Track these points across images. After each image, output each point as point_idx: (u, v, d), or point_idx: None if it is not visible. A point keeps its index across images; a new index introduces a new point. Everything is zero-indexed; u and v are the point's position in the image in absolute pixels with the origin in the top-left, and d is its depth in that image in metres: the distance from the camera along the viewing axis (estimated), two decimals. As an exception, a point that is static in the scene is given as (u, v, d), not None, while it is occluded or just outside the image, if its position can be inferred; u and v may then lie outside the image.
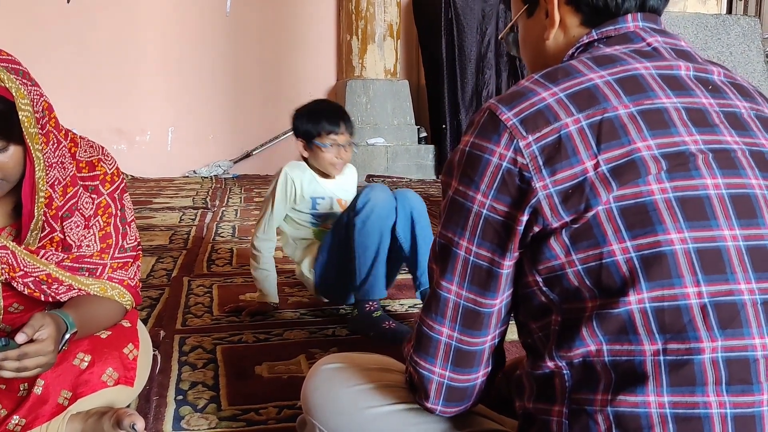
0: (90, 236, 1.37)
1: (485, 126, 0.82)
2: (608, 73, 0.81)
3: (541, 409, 0.80)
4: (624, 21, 0.88)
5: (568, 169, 0.76)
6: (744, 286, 0.72)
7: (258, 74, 7.41)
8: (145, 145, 7.26)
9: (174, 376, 1.71)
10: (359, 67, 7.09)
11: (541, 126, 0.78)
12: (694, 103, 0.81)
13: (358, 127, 6.95)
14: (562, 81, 0.81)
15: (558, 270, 0.77)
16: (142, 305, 2.27)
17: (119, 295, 1.41)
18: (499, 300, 0.85)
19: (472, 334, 0.86)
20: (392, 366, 1.09)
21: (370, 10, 6.98)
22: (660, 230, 0.73)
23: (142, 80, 7.10)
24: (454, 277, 0.85)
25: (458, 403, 0.91)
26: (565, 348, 0.77)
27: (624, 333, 0.73)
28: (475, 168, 0.81)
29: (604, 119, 0.77)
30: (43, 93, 1.28)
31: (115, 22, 6.96)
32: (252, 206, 4.87)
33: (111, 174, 1.42)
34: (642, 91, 0.80)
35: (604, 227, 0.74)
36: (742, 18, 3.37)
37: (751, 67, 3.21)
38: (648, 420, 0.71)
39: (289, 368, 1.78)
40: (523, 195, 0.78)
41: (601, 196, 0.74)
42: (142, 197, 5.35)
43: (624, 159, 0.75)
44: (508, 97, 0.83)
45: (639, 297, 0.72)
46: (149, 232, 3.76)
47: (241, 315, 2.22)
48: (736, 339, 0.71)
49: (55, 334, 1.18)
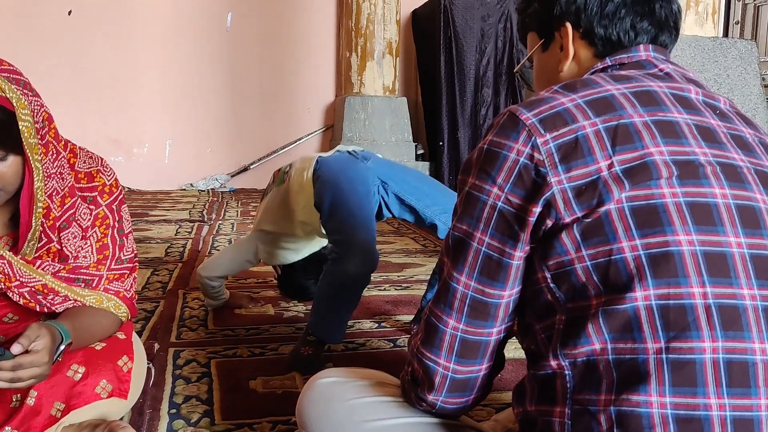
0: (87, 247, 1.37)
1: (505, 125, 0.85)
2: (624, 87, 0.85)
3: (543, 410, 0.81)
4: (636, 50, 0.94)
5: (583, 167, 0.79)
6: (746, 291, 0.74)
7: (257, 89, 7.43)
8: (143, 157, 7.26)
9: (168, 390, 1.70)
10: (358, 84, 7.12)
11: (559, 126, 0.81)
12: (703, 121, 0.84)
13: (356, 143, 6.99)
14: (581, 90, 0.85)
15: (567, 265, 0.79)
16: (137, 318, 2.26)
17: (115, 307, 1.40)
18: (507, 293, 0.86)
19: (478, 324, 0.87)
20: (388, 380, 1.09)
21: (370, 28, 7.02)
22: (669, 231, 0.75)
23: (141, 92, 7.11)
24: (464, 268, 0.86)
25: (460, 394, 0.92)
26: (570, 346, 0.77)
27: (629, 330, 0.74)
28: (492, 163, 0.84)
29: (620, 125, 0.81)
30: (43, 104, 1.28)
31: (115, 35, 6.99)
32: (248, 220, 4.87)
33: (110, 185, 1.42)
34: (656, 104, 0.84)
35: (615, 225, 0.76)
36: (739, 41, 3.40)
37: (747, 89, 3.24)
38: (649, 420, 0.71)
39: (283, 383, 1.77)
40: (538, 188, 0.80)
41: (613, 194, 0.77)
42: (139, 209, 5.34)
43: (637, 162, 0.78)
44: (528, 102, 0.86)
45: (645, 293, 0.74)
46: (145, 245, 3.75)
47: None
48: (737, 341, 0.72)
49: (50, 346, 1.17)
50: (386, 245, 3.87)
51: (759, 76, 3.35)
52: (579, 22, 0.96)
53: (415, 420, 0.99)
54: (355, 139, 7.02)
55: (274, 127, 7.51)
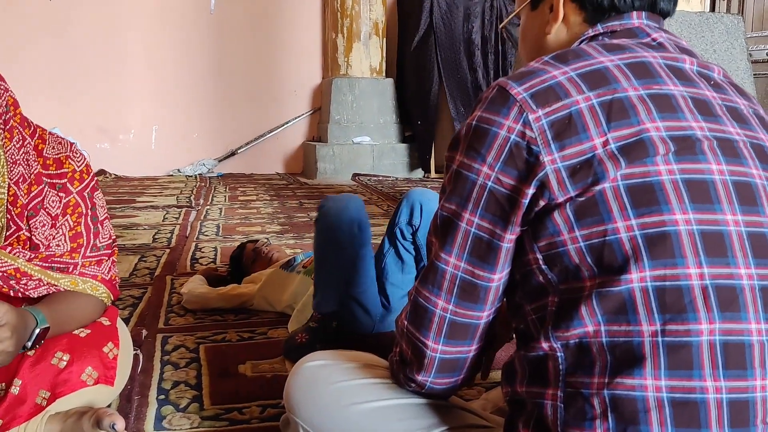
0: (59, 236, 1.34)
1: (494, 100, 0.82)
2: (618, 58, 0.83)
3: (534, 392, 0.79)
4: (629, 18, 0.90)
5: (577, 144, 0.76)
6: (744, 270, 0.73)
7: (243, 72, 7.37)
8: (129, 144, 7.20)
9: (156, 376, 1.69)
10: (345, 66, 7.07)
11: (551, 101, 0.79)
12: (698, 93, 0.82)
13: (344, 125, 6.96)
14: (573, 62, 0.82)
15: (559, 246, 0.77)
16: (124, 304, 2.25)
17: (92, 288, 1.38)
18: (497, 276, 0.84)
19: (468, 306, 0.86)
20: (376, 362, 1.08)
21: (356, 8, 6.96)
22: (666, 210, 0.73)
23: (125, 77, 7.04)
24: (453, 248, 0.84)
25: (449, 374, 0.91)
26: (563, 328, 0.76)
27: (623, 313, 0.72)
28: (481, 141, 0.81)
29: (615, 99, 0.78)
30: (8, 88, 1.25)
31: (98, 19, 6.89)
32: (237, 204, 4.84)
33: (80, 171, 1.39)
34: (651, 76, 0.81)
35: (609, 204, 0.74)
36: (725, 16, 3.39)
37: (734, 64, 3.23)
38: (644, 404, 0.70)
39: (273, 367, 1.76)
40: (531, 168, 0.77)
41: (609, 172, 0.75)
42: (126, 196, 5.30)
43: (633, 138, 0.76)
44: (518, 74, 0.83)
45: (641, 275, 0.72)
46: (132, 231, 3.73)
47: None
48: (734, 322, 0.71)
49: (15, 322, 1.15)
50: (375, 228, 3.86)
51: (746, 51, 3.34)
52: None
53: (404, 401, 0.98)
54: (343, 121, 6.99)
55: (261, 110, 7.45)
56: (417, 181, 6.63)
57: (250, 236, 3.42)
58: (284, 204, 4.89)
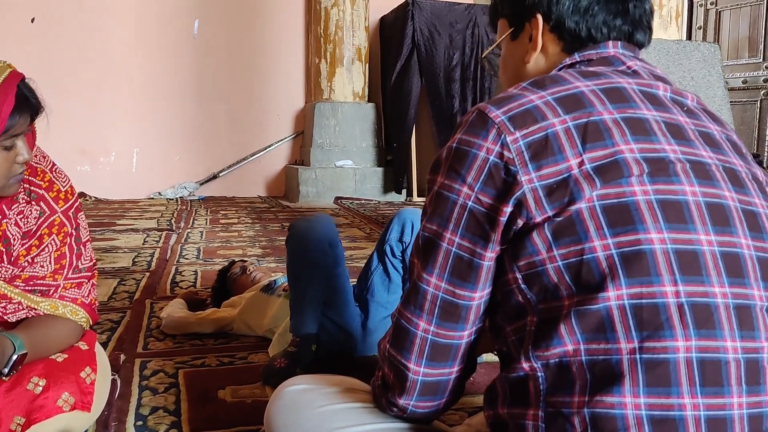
0: (45, 255, 1.33)
1: (473, 123, 0.84)
2: (593, 83, 0.85)
3: (515, 413, 0.79)
4: (605, 47, 0.94)
5: (553, 165, 0.78)
6: (718, 289, 0.74)
7: (225, 95, 7.38)
8: (110, 166, 7.16)
9: (134, 401, 1.66)
10: (328, 90, 7.11)
11: (528, 124, 0.81)
12: (672, 118, 0.85)
13: (326, 149, 6.97)
14: (550, 87, 0.84)
15: (538, 266, 0.78)
16: (103, 328, 2.21)
17: (72, 312, 1.36)
18: (477, 294, 0.84)
19: (449, 327, 0.86)
20: (358, 386, 1.07)
21: (339, 34, 7.02)
22: (641, 229, 0.75)
23: (106, 100, 7.01)
24: (434, 269, 0.85)
25: (431, 397, 0.91)
26: (543, 348, 0.76)
27: (602, 331, 0.73)
28: (462, 162, 0.83)
29: (590, 122, 0.80)
30: None
31: (79, 42, 6.89)
32: (218, 228, 4.81)
33: (65, 192, 1.38)
34: (625, 101, 0.84)
35: (586, 224, 0.76)
36: (702, 44, 3.46)
37: (711, 91, 3.29)
38: (624, 422, 0.70)
39: (253, 392, 1.74)
40: (509, 187, 0.79)
41: (584, 192, 0.76)
42: (106, 219, 5.25)
43: (608, 159, 0.78)
44: (497, 99, 0.85)
45: (618, 293, 0.73)
46: (112, 254, 3.68)
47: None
48: (710, 339, 0.72)
49: None
50: (357, 251, 3.85)
51: (722, 78, 3.40)
52: (550, 14, 0.95)
53: (386, 426, 0.97)
54: (326, 145, 7.01)
55: (243, 133, 7.46)
56: (399, 204, 6.64)
57: (231, 259, 3.39)
58: (266, 227, 4.87)
